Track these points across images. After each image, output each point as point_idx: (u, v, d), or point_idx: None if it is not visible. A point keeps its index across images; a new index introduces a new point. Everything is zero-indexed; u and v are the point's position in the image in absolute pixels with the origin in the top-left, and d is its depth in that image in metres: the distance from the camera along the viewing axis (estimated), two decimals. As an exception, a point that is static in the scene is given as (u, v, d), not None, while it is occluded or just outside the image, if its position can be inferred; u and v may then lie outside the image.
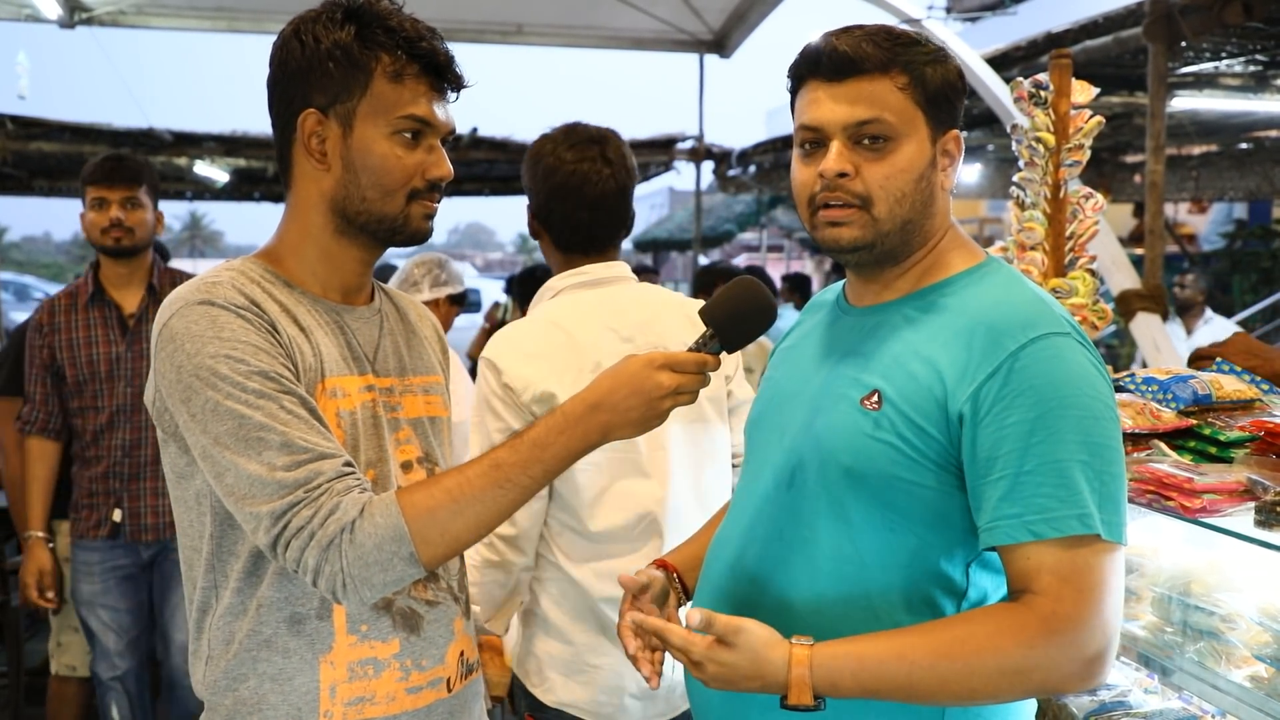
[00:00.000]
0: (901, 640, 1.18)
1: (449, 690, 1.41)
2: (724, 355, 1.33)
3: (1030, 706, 1.36)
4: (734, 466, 2.00)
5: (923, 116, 1.27)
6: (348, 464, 1.25)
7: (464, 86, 1.39)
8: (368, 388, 1.38)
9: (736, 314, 1.32)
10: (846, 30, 1.29)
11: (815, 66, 1.29)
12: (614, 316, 1.88)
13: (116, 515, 2.96)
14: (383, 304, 1.48)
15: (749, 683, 1.18)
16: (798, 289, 8.20)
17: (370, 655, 1.34)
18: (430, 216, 1.38)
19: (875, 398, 1.26)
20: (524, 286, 4.45)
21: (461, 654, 1.44)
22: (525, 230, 2.06)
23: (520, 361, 1.83)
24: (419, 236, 1.38)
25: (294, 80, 1.34)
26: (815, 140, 1.30)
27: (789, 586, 1.30)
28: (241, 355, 1.23)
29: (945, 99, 1.29)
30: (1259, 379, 2.06)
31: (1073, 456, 1.16)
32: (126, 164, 3.03)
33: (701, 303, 2.00)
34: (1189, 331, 6.50)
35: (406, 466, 1.41)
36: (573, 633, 1.85)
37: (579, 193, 1.89)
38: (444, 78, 1.36)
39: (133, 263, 2.99)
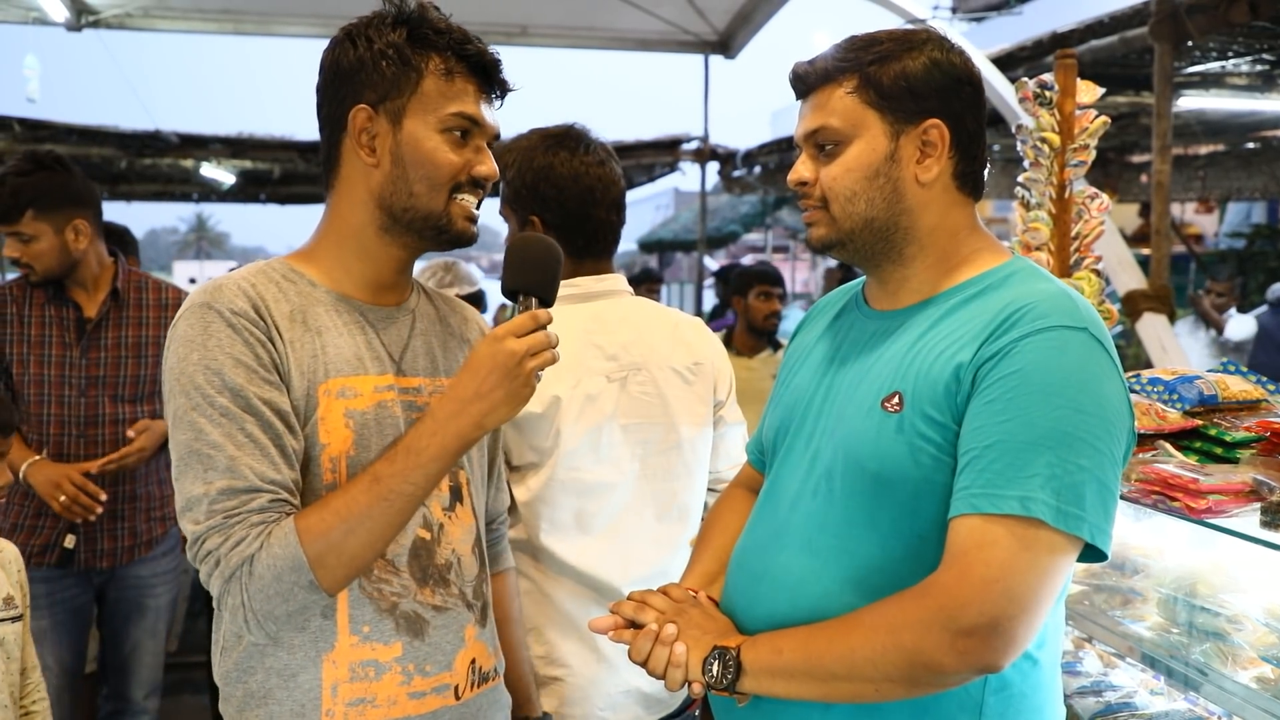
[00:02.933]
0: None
1: (457, 698, 1.41)
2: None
3: (1060, 715, 1.35)
4: (711, 490, 1.99)
5: (875, 114, 1.30)
6: (281, 500, 1.27)
7: (509, 91, 1.42)
8: (387, 387, 1.39)
9: (529, 270, 1.36)
10: (831, 48, 1.35)
11: (792, 88, 1.38)
12: (599, 333, 1.87)
13: (69, 541, 2.68)
14: (418, 305, 1.50)
15: (714, 627, 1.32)
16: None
17: (371, 657, 1.35)
18: (472, 220, 1.41)
19: (896, 399, 1.26)
20: None
21: (473, 662, 1.44)
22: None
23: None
24: (464, 238, 1.41)
25: (346, 79, 1.37)
26: (800, 152, 1.38)
27: (822, 596, 1.29)
28: (219, 367, 1.27)
29: (908, 91, 1.29)
30: (1264, 379, 2.05)
31: (1039, 441, 1.13)
32: (3, 200, 2.58)
33: (694, 319, 2.00)
34: (1219, 331, 6.48)
35: None
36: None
37: (606, 194, 1.89)
38: (491, 80, 1.40)
39: (77, 275, 2.70)
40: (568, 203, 1.86)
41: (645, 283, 7.71)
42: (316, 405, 1.32)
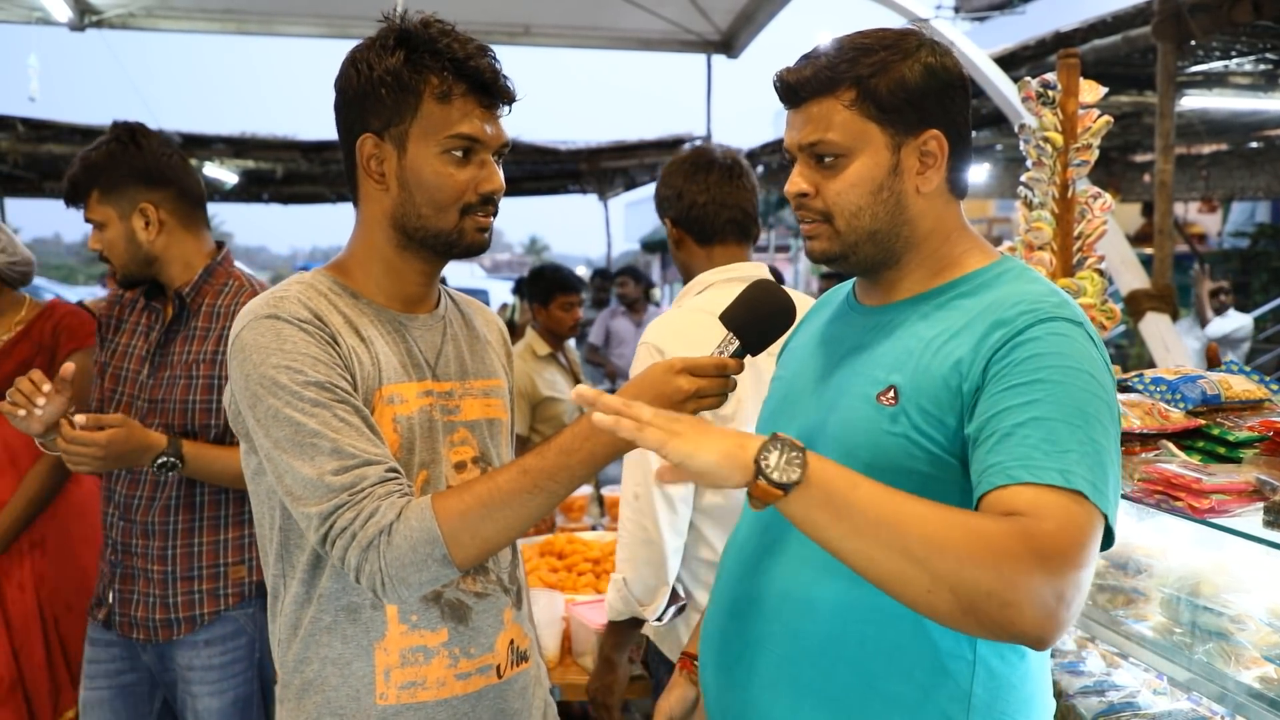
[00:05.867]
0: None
1: (499, 676, 1.49)
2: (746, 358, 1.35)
3: (1049, 707, 1.36)
4: None
5: (876, 127, 1.28)
6: (392, 470, 1.32)
7: (513, 100, 1.44)
8: (426, 393, 1.45)
9: (755, 317, 1.35)
10: (806, 55, 1.32)
11: (779, 95, 1.35)
12: None
13: (110, 596, 2.16)
14: (447, 311, 1.56)
15: (711, 434, 1.07)
16: None
17: (420, 643, 1.42)
18: (484, 230, 1.45)
19: (891, 393, 1.26)
20: (533, 286, 4.47)
21: (511, 642, 1.52)
22: (534, 231, 2.18)
23: (684, 348, 1.85)
24: (475, 248, 1.45)
25: (352, 107, 1.41)
26: (792, 160, 1.36)
27: (812, 587, 1.30)
28: (300, 366, 1.31)
29: (907, 103, 1.27)
30: (1267, 379, 2.05)
31: (1065, 419, 1.13)
32: (69, 178, 2.18)
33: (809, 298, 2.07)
34: (1203, 324, 6.54)
35: (460, 467, 1.47)
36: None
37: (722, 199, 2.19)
38: (492, 94, 1.41)
39: (164, 277, 2.18)
40: (683, 202, 2.20)
41: (637, 283, 7.52)
42: (372, 411, 1.38)
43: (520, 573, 1.57)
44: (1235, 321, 6.71)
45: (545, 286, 4.33)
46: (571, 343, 4.52)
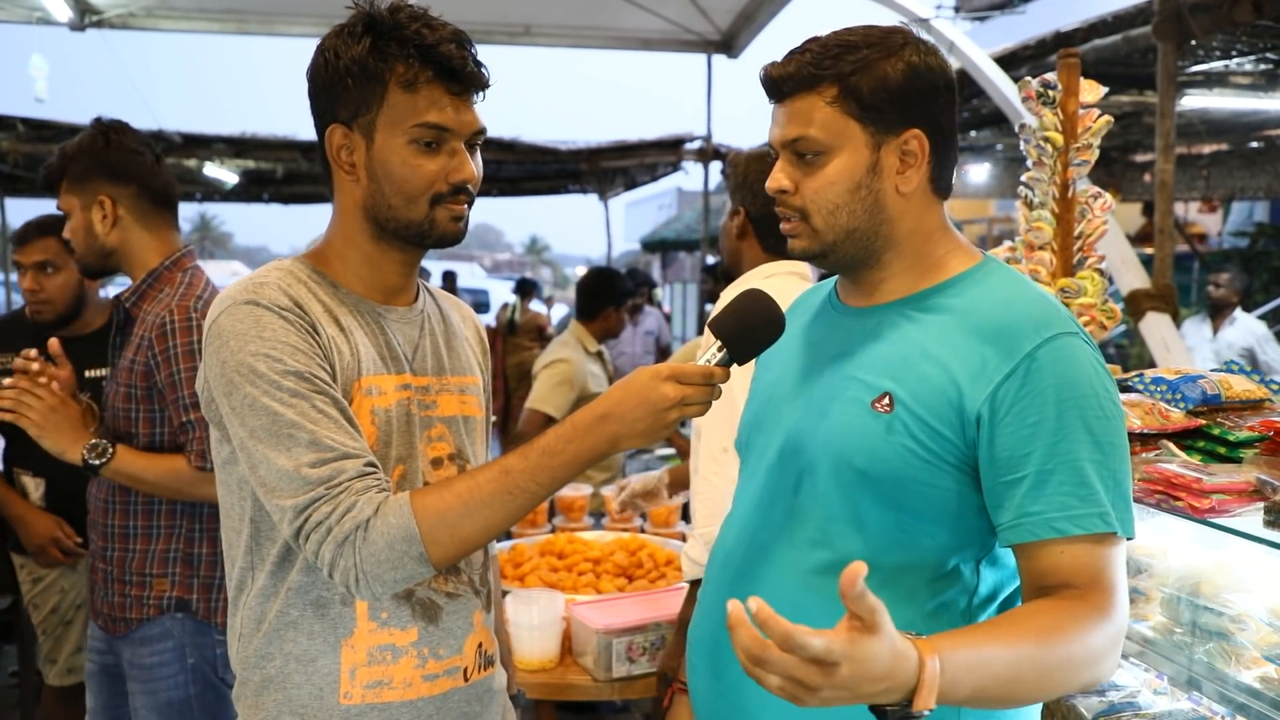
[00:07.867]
0: (1002, 632, 1.11)
1: (466, 680, 1.46)
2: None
3: (1037, 707, 1.36)
4: None
5: (857, 125, 1.28)
6: (370, 464, 1.30)
7: (485, 86, 1.40)
8: (404, 386, 1.43)
9: (745, 326, 1.33)
10: (792, 51, 1.32)
11: (765, 90, 1.35)
12: None
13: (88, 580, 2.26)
14: (426, 305, 1.54)
15: (876, 683, 0.97)
16: None
17: (389, 642, 1.39)
18: (458, 219, 1.42)
19: (886, 400, 1.26)
20: (611, 288, 4.31)
21: (480, 646, 1.49)
22: (535, 231, 2.20)
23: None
24: (449, 239, 1.42)
25: (322, 96, 1.39)
26: (775, 156, 1.36)
27: (801, 594, 1.29)
28: (279, 355, 1.29)
29: (888, 101, 1.27)
30: (1267, 379, 2.05)
31: (1088, 456, 1.18)
32: (46, 166, 2.25)
33: None
34: (1215, 330, 6.47)
35: (437, 463, 1.46)
36: None
37: None
38: (460, 80, 1.36)
39: (126, 272, 2.22)
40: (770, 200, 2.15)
41: (639, 288, 7.45)
42: (350, 402, 1.36)
43: (490, 576, 1.55)
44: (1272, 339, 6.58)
45: (622, 290, 4.34)
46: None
